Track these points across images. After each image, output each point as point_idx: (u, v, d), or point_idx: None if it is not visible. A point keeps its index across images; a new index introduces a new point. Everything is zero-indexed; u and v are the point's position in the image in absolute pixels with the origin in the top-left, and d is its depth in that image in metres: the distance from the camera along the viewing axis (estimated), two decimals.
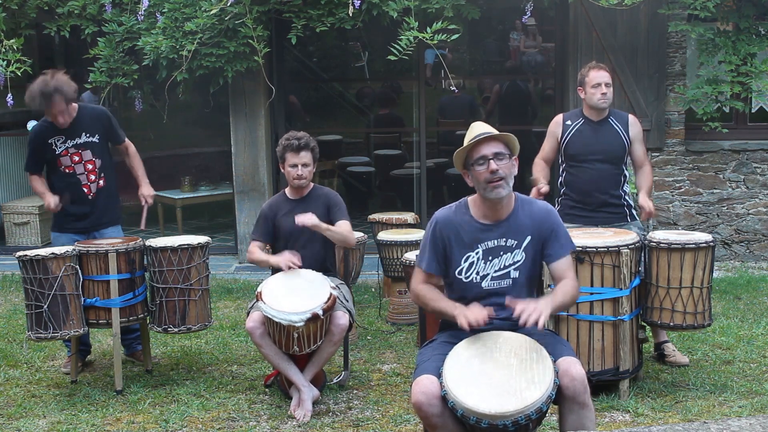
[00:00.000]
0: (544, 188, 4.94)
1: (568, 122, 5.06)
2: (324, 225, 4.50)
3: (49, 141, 4.91)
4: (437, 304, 3.33)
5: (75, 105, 4.93)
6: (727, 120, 7.51)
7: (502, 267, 3.30)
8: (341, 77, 11.91)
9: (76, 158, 4.95)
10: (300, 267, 4.48)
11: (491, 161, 3.21)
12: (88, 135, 4.96)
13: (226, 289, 6.90)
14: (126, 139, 5.22)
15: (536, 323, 3.06)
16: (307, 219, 4.44)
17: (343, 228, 4.60)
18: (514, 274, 3.30)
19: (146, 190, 5.20)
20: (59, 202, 4.91)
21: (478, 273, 3.30)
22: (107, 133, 5.07)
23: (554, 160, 5.22)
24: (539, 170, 5.13)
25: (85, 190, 4.98)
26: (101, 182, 5.03)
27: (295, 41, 7.05)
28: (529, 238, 3.30)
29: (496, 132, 3.29)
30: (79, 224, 5.00)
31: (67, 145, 4.92)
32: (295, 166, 4.60)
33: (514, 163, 3.28)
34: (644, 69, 7.32)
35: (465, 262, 3.30)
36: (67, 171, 4.95)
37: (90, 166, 4.99)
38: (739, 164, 7.53)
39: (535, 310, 3.08)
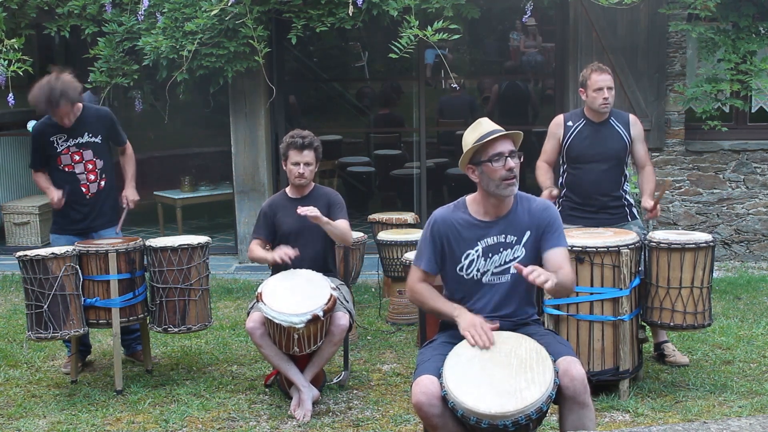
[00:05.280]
0: (555, 191, 4.93)
1: (570, 123, 5.02)
2: (324, 218, 4.49)
3: (51, 139, 4.92)
4: (435, 303, 3.34)
5: (80, 105, 4.93)
6: (727, 120, 7.50)
7: (502, 263, 3.30)
8: (341, 77, 11.90)
9: (77, 157, 4.95)
10: (294, 257, 4.46)
11: (508, 158, 3.23)
12: (90, 135, 4.97)
13: (226, 289, 6.90)
14: (127, 141, 5.24)
15: (545, 283, 3.05)
16: (309, 210, 4.43)
17: (342, 225, 4.61)
18: (514, 270, 3.30)
19: (131, 194, 5.20)
20: (62, 197, 4.91)
21: (478, 270, 3.30)
22: (110, 134, 5.08)
23: (556, 161, 5.20)
24: (543, 173, 5.09)
25: (84, 189, 4.98)
26: (102, 183, 5.03)
27: (295, 41, 7.05)
28: (528, 233, 3.31)
29: (505, 131, 3.29)
30: (77, 225, 5.00)
31: (68, 143, 4.93)
32: (297, 164, 4.59)
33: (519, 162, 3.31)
34: (644, 69, 7.32)
35: (465, 259, 3.31)
36: (66, 170, 4.96)
37: (90, 166, 4.99)
38: (739, 164, 7.52)
39: (544, 272, 3.08)
